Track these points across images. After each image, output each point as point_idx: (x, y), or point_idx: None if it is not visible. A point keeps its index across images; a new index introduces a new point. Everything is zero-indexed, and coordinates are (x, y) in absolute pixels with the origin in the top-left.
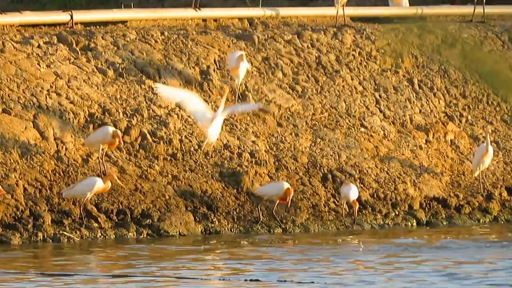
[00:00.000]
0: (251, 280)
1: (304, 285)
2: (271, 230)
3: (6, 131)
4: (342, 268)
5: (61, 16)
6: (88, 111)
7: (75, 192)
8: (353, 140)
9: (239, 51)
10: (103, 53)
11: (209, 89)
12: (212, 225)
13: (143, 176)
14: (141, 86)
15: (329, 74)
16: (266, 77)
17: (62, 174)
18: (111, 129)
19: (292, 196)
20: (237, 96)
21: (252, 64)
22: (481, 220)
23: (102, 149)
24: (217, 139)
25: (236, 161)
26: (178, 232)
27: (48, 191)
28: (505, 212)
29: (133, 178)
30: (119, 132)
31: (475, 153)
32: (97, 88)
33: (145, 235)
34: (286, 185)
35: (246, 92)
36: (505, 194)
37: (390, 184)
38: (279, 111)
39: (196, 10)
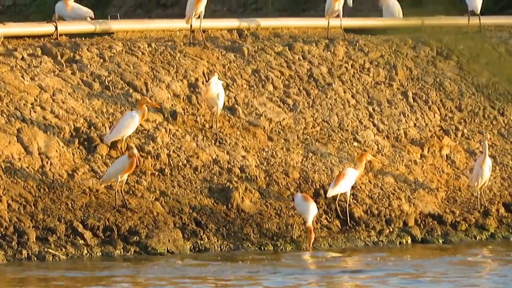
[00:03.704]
0: None
1: None
2: (262, 248)
3: None
4: None
5: (45, 28)
6: (74, 125)
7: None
8: (346, 154)
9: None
10: (88, 66)
11: (197, 102)
12: (201, 242)
13: (130, 192)
14: (127, 99)
15: (321, 87)
16: (256, 90)
17: (47, 189)
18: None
19: None
20: (216, 123)
21: (241, 77)
22: (477, 237)
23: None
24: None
25: (225, 177)
26: (166, 250)
27: (33, 207)
28: (502, 229)
29: (120, 194)
30: (134, 151)
31: (474, 166)
32: (83, 102)
33: (132, 253)
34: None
35: (236, 106)
36: (502, 210)
37: (384, 200)
38: (269, 125)
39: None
